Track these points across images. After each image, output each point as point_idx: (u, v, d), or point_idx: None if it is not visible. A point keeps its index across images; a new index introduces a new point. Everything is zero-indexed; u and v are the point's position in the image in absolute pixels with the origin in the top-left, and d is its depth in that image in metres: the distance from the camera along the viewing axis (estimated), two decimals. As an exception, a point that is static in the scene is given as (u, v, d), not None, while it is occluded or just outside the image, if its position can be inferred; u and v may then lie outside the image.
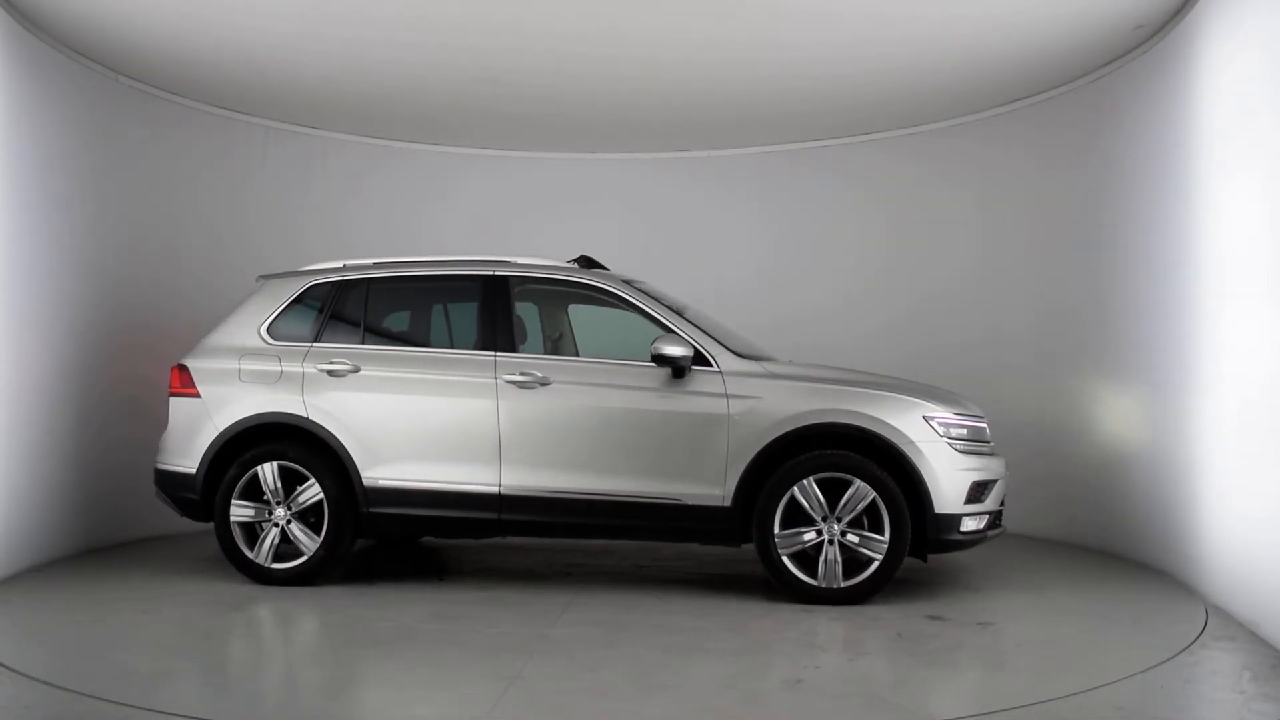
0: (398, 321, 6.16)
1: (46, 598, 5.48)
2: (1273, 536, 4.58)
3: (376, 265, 6.05)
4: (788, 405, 5.32)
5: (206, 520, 5.83)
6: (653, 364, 5.44)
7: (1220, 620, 5.02)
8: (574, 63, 6.84)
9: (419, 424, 5.61)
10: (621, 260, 6.71)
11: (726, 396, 5.38)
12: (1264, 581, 4.70)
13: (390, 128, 8.38)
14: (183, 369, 5.96)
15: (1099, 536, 6.87)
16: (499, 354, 5.63)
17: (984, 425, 5.54)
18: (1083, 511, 7.03)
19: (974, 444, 5.40)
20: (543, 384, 5.53)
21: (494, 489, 5.51)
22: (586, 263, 5.99)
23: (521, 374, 5.56)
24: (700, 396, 5.40)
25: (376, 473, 5.62)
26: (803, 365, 5.79)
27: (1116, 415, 6.78)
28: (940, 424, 5.30)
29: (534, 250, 6.30)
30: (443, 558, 6.74)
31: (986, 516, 5.40)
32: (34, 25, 6.14)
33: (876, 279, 8.41)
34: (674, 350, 5.39)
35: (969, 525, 5.29)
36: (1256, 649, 4.54)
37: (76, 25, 6.21)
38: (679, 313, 5.70)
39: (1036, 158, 7.56)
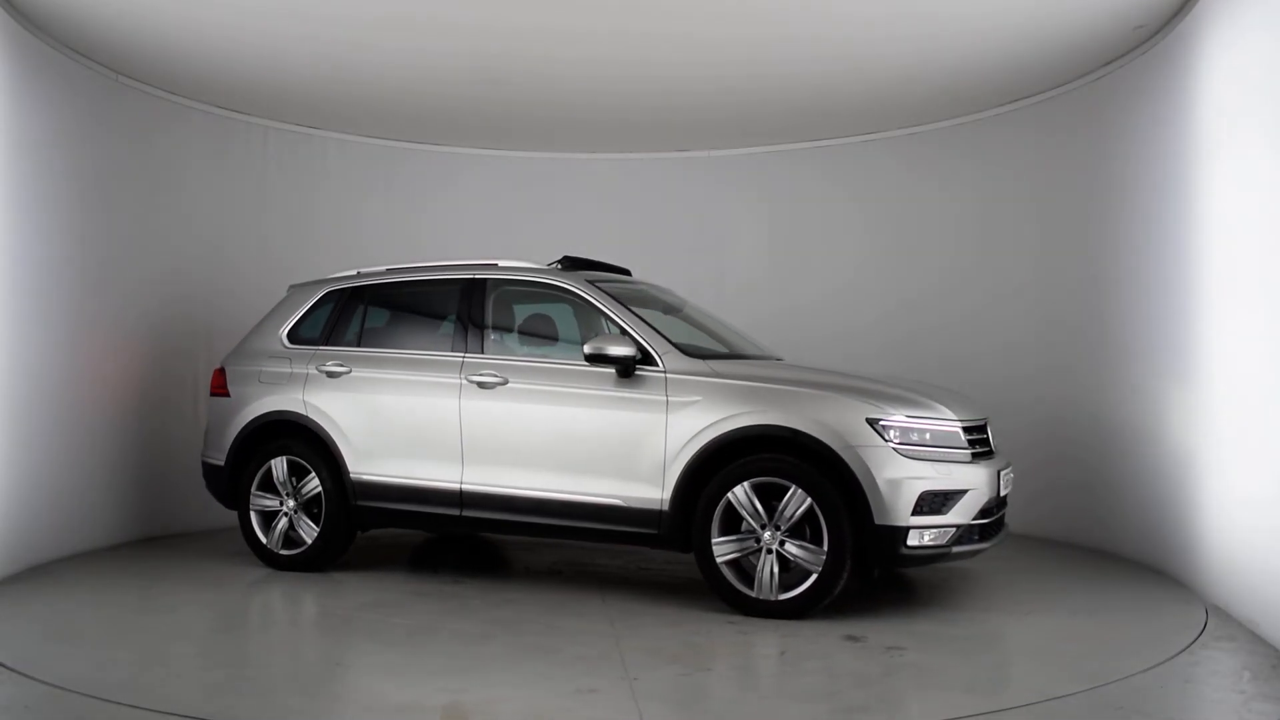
0: (391, 325, 6.30)
1: (48, 594, 5.50)
2: (1273, 536, 4.58)
3: (390, 271, 6.31)
4: (723, 407, 5.08)
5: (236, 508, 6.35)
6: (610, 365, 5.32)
7: (1220, 620, 5.02)
8: (574, 63, 6.83)
9: (396, 422, 5.84)
10: (625, 259, 6.70)
11: (667, 397, 5.21)
12: (1264, 581, 4.70)
13: (392, 128, 8.37)
14: (221, 371, 6.50)
15: (1098, 536, 6.87)
16: (466, 355, 5.75)
17: (956, 430, 5.05)
18: (1082, 511, 7.03)
19: (936, 449, 4.94)
20: (504, 384, 5.59)
21: (456, 486, 5.63)
22: (570, 263, 5.99)
23: (483, 374, 5.63)
24: (642, 397, 5.26)
25: (361, 468, 5.90)
26: (762, 364, 5.65)
27: (1116, 415, 6.77)
28: (888, 427, 4.87)
29: (535, 251, 6.31)
30: (502, 553, 6.89)
31: (951, 530, 4.89)
32: (34, 25, 6.13)
33: (878, 277, 8.40)
34: (612, 350, 5.26)
35: (921, 539, 4.83)
36: (1256, 649, 4.55)
37: (76, 25, 6.21)
38: (635, 312, 5.55)
39: (1036, 158, 7.56)
